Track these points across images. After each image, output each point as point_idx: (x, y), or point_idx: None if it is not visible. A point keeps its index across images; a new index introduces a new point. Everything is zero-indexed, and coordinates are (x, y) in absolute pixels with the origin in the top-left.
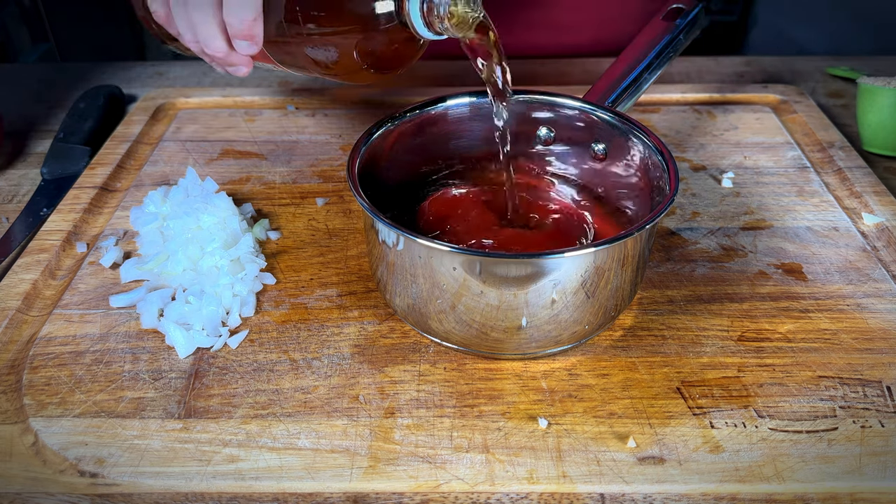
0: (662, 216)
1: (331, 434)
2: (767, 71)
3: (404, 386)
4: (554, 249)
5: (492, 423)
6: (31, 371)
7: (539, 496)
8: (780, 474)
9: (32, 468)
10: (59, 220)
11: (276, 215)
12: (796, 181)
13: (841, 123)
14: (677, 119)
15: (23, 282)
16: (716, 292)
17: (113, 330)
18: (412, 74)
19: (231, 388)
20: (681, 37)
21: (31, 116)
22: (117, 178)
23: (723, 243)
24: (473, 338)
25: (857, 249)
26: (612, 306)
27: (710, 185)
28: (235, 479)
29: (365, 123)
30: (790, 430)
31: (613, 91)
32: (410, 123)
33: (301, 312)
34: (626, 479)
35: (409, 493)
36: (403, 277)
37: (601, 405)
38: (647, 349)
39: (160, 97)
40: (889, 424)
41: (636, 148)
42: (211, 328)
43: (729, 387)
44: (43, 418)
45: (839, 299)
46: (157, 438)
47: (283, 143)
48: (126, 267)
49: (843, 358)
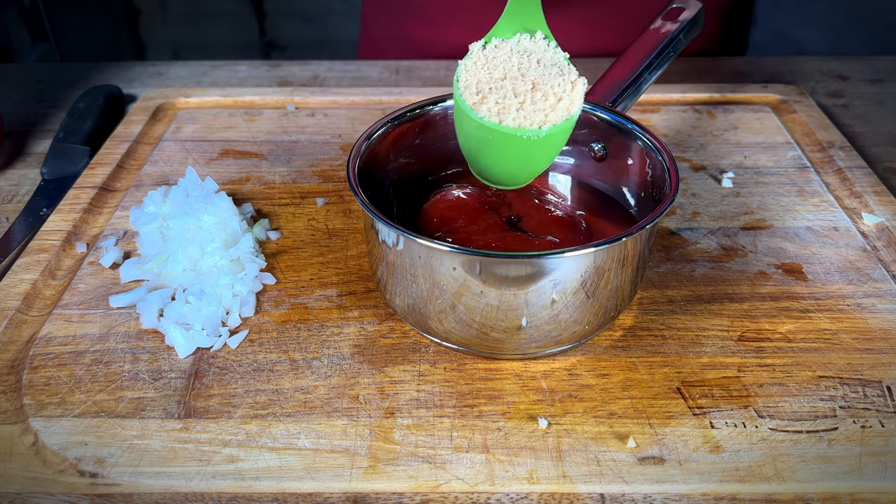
0: (662, 216)
1: (331, 434)
2: (767, 71)
3: (404, 386)
4: (554, 249)
5: (492, 423)
6: (31, 371)
7: (539, 496)
8: (780, 474)
9: (32, 468)
10: (59, 220)
11: (276, 215)
12: (796, 181)
13: (841, 123)
14: (677, 119)
15: (23, 282)
16: (716, 292)
17: (113, 330)
18: (412, 74)
19: (231, 388)
20: (681, 37)
21: (31, 116)
22: (117, 178)
23: (723, 243)
24: (473, 338)
25: (858, 249)
26: (612, 306)
27: (710, 185)
28: (235, 479)
29: (365, 123)
30: (790, 430)
31: (614, 91)
32: (410, 123)
33: (301, 312)
34: (626, 479)
35: (409, 493)
36: (403, 277)
37: (601, 405)
38: (647, 349)
39: (160, 97)
40: (889, 424)
41: (636, 148)
42: (211, 328)
43: (729, 387)
44: (43, 418)
45: (839, 299)
46: (156, 438)
47: (283, 143)
48: (126, 267)
49: (844, 358)
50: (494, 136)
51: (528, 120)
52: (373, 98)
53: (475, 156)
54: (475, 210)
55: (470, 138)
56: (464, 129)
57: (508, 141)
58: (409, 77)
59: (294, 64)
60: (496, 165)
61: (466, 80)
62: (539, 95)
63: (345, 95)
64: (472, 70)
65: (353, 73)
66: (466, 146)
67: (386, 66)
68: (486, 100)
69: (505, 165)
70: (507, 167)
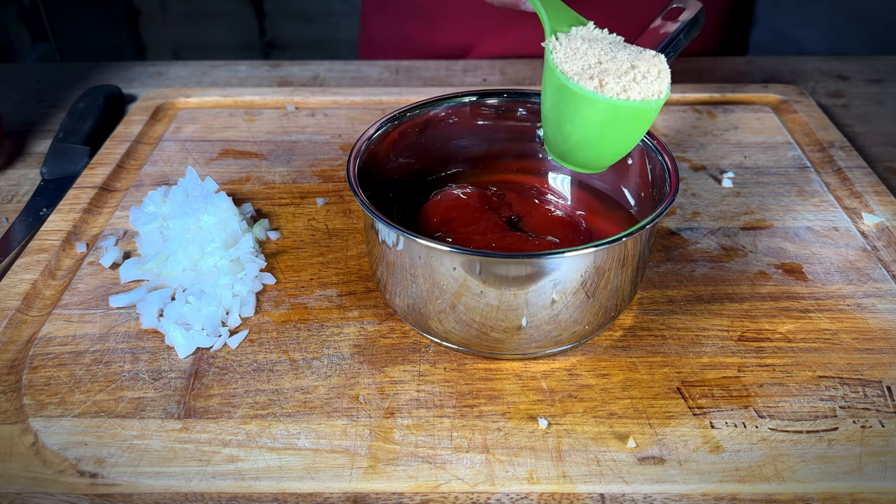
0: (662, 216)
1: (331, 434)
2: (767, 71)
3: (404, 386)
4: (554, 249)
5: (492, 424)
6: (31, 371)
7: (539, 496)
8: (781, 474)
9: (32, 468)
10: (58, 220)
11: (276, 215)
12: (796, 181)
13: (841, 123)
14: (677, 119)
15: (23, 282)
16: (716, 292)
17: (113, 330)
18: (412, 74)
19: (231, 388)
20: (681, 37)
21: (30, 116)
22: (117, 178)
23: (723, 243)
24: (473, 338)
25: (858, 249)
26: (612, 306)
27: (710, 185)
28: (235, 479)
29: (365, 123)
30: (790, 430)
31: None
32: (410, 123)
33: (301, 312)
34: (626, 479)
35: (409, 493)
36: (403, 277)
37: (601, 405)
38: (647, 349)
39: (160, 97)
40: (889, 424)
41: (636, 148)
42: (211, 328)
43: (729, 387)
44: (43, 418)
45: (839, 299)
46: (156, 438)
47: (283, 143)
48: (126, 267)
49: (844, 358)
50: (622, 113)
51: (648, 91)
52: (373, 98)
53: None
54: (475, 210)
55: (588, 125)
56: (582, 117)
57: (635, 115)
58: (409, 77)
59: (294, 64)
60: (609, 145)
61: (572, 69)
62: (643, 70)
63: (345, 95)
64: (567, 62)
65: (353, 73)
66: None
67: (386, 66)
68: (604, 83)
69: (618, 144)
70: (620, 145)
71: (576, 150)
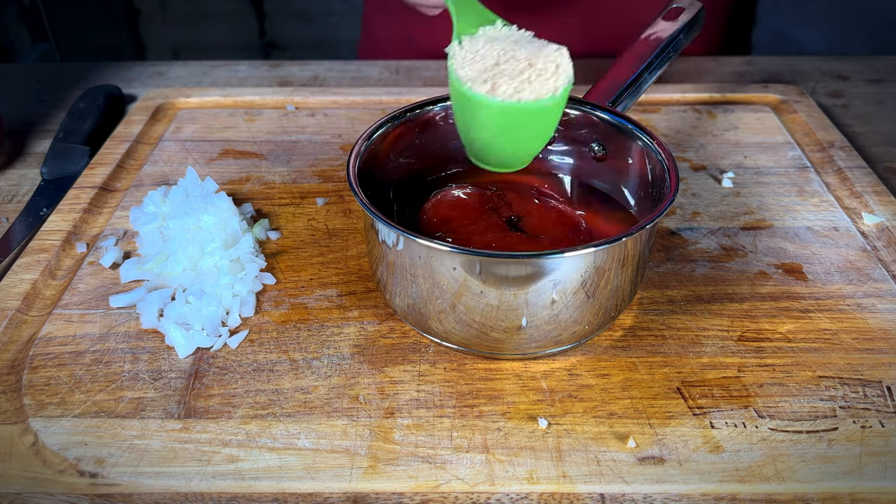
0: (662, 216)
1: (331, 434)
2: (767, 71)
3: (404, 386)
4: (554, 249)
5: (492, 424)
6: (31, 371)
7: (539, 496)
8: (780, 474)
9: (32, 468)
10: (58, 220)
11: (276, 215)
12: (796, 181)
13: (841, 123)
14: (677, 119)
15: (23, 282)
16: (716, 292)
17: (113, 330)
18: (412, 74)
19: (231, 388)
20: (681, 37)
21: (30, 116)
22: (117, 178)
23: (723, 243)
24: (473, 338)
25: (858, 249)
26: (612, 306)
27: (710, 185)
28: (235, 480)
29: (365, 123)
30: (790, 430)
31: (614, 91)
32: (410, 123)
33: (301, 312)
34: (626, 479)
35: (409, 493)
36: (403, 277)
37: (601, 405)
38: (647, 349)
39: (160, 97)
40: (889, 424)
41: (636, 148)
42: (211, 328)
43: (729, 387)
44: (43, 418)
45: (839, 299)
46: (156, 438)
47: (283, 143)
48: (126, 267)
49: (843, 358)
50: (517, 115)
51: (542, 89)
52: (373, 98)
53: (492, 145)
54: (475, 210)
55: (488, 128)
56: (480, 121)
57: (531, 115)
58: (409, 77)
59: (294, 64)
60: (514, 146)
61: (466, 75)
62: (539, 68)
63: (345, 95)
64: (465, 67)
65: (353, 73)
66: (481, 138)
67: (386, 66)
68: (497, 86)
69: (524, 144)
70: (526, 145)
71: (486, 152)
